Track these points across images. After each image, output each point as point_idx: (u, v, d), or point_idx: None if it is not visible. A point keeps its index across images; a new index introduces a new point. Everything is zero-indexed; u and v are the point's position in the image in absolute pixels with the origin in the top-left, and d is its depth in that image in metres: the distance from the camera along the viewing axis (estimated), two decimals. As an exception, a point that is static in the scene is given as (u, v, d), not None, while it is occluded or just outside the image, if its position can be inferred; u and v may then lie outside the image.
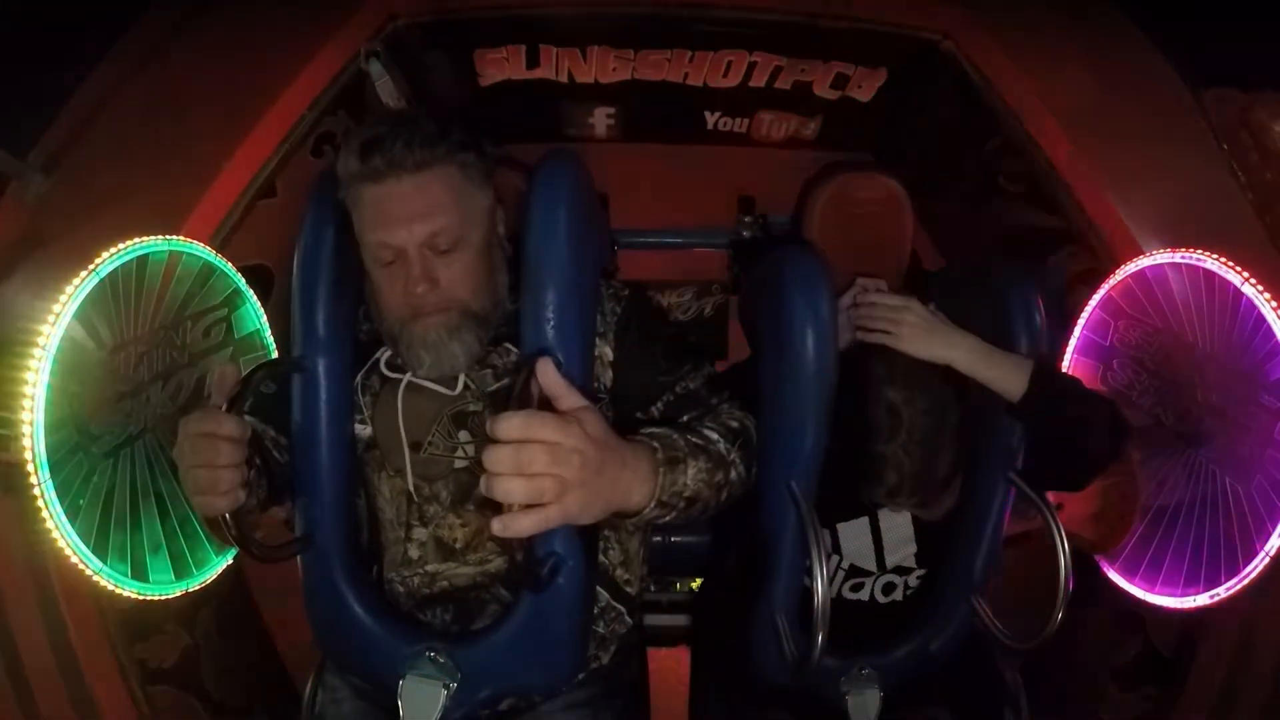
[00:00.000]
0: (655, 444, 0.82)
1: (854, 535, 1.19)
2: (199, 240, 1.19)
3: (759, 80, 1.67)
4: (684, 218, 2.04)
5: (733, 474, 0.92)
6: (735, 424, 0.98)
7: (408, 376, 1.01)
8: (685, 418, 0.99)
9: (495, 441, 0.65)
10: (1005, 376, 1.05)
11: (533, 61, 1.66)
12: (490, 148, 1.01)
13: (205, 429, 0.81)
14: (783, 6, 1.54)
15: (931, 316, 1.10)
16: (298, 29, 1.42)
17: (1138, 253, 1.26)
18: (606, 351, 1.03)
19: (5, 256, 1.13)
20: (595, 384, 1.02)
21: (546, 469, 0.65)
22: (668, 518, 0.85)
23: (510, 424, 0.65)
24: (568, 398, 0.71)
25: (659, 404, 1.03)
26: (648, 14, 1.57)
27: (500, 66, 1.66)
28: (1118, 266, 1.27)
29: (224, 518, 0.84)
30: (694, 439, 0.89)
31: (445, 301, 0.96)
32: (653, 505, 0.80)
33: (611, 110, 1.82)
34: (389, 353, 1.04)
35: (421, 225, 0.92)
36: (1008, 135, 1.50)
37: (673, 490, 0.82)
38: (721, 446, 0.92)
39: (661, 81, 1.69)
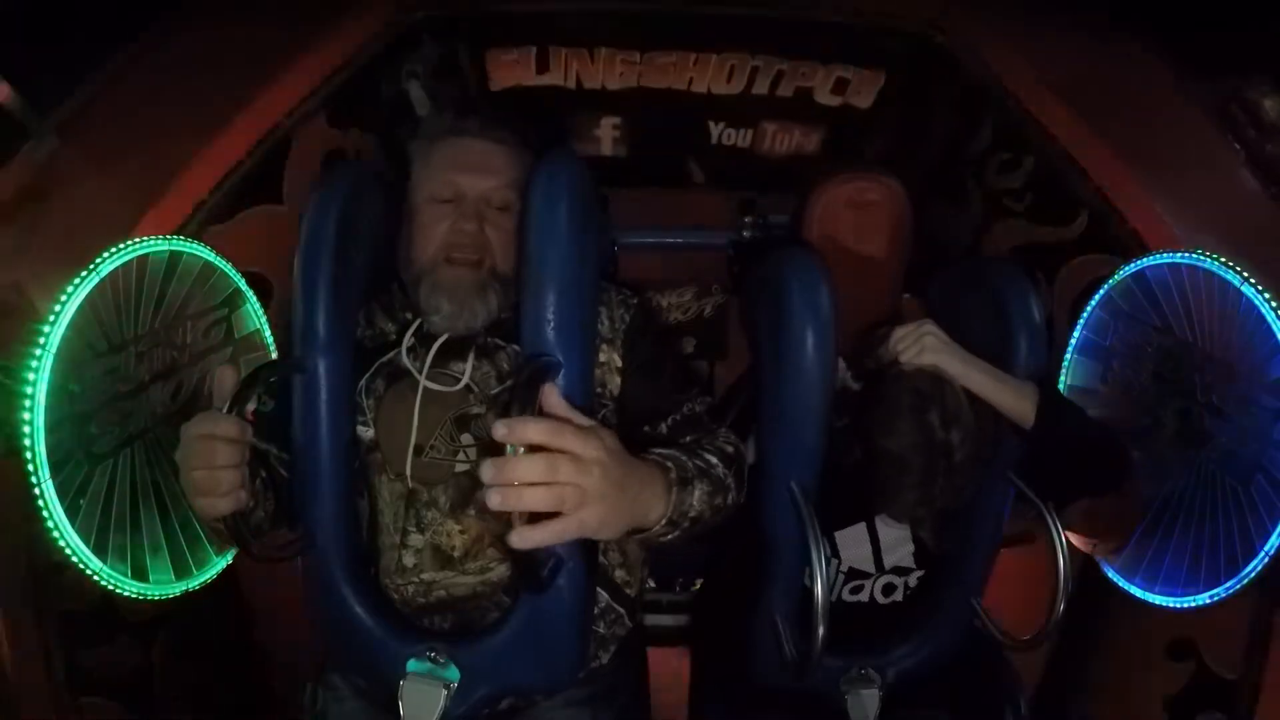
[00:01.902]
0: (669, 464, 0.84)
1: (852, 542, 1.19)
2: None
3: (761, 87, 1.68)
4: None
5: (729, 498, 0.94)
6: (730, 449, 1.00)
7: (425, 381, 1.01)
8: (687, 438, 1.00)
9: (499, 444, 0.63)
10: (1013, 404, 1.05)
11: (542, 66, 1.67)
12: None
13: (204, 431, 0.81)
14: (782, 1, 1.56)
15: (946, 335, 1.08)
16: (304, 19, 1.45)
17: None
18: (615, 358, 1.04)
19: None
20: (601, 390, 1.02)
21: (570, 478, 0.64)
22: (671, 536, 0.87)
23: (532, 429, 0.64)
24: (573, 418, 0.71)
25: (666, 422, 1.04)
26: (654, 11, 1.58)
27: (511, 70, 1.68)
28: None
29: (225, 519, 0.84)
30: (698, 462, 0.90)
31: (481, 252, 1.04)
32: (663, 523, 0.81)
33: (617, 121, 1.83)
34: (407, 343, 1.04)
35: (488, 179, 1.06)
36: (1010, 126, 1.50)
37: (681, 510, 0.83)
38: (720, 470, 0.93)
39: (667, 89, 1.69)
